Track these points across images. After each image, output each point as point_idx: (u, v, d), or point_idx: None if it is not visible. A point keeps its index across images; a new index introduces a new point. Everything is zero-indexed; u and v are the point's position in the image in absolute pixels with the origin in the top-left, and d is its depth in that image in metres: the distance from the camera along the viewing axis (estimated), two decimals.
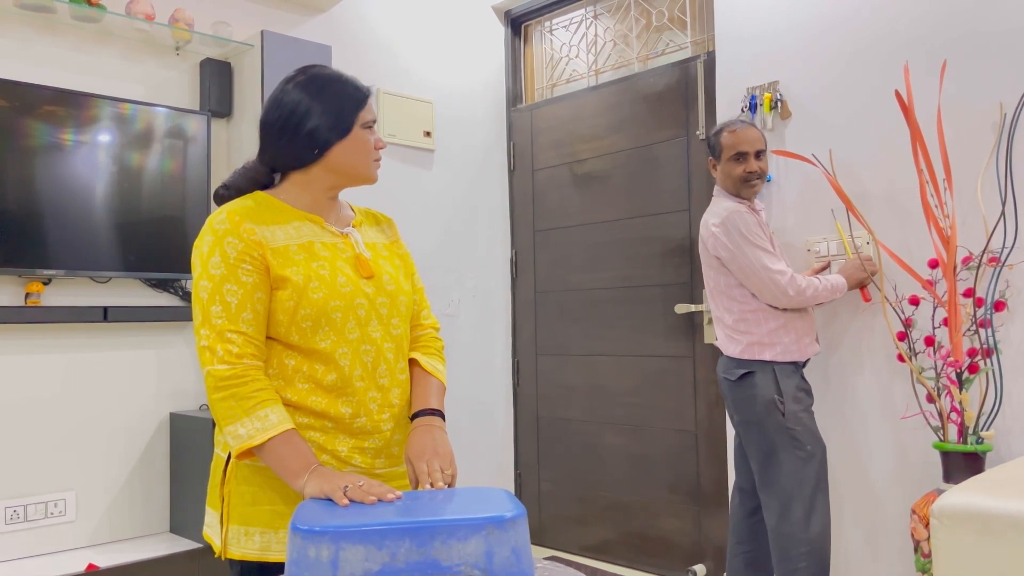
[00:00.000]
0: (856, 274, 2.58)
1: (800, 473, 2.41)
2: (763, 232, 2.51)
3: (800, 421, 2.44)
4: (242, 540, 1.38)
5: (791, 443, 2.42)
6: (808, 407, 2.49)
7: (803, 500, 2.40)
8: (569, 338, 3.76)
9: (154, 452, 2.88)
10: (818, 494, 2.42)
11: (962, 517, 1.63)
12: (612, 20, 3.77)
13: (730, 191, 2.60)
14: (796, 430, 2.43)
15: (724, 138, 2.59)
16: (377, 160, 1.49)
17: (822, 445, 2.47)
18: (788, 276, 2.45)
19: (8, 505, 2.56)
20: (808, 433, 2.44)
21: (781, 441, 2.43)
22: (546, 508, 3.85)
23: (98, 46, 2.82)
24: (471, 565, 1.06)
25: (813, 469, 2.42)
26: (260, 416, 1.30)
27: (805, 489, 2.41)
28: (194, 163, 2.89)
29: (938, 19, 2.59)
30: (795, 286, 2.44)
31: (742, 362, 2.50)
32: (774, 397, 2.43)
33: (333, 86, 1.44)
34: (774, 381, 2.45)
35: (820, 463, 2.44)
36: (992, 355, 2.41)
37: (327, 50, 3.06)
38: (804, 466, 2.41)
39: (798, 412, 2.44)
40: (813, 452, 2.43)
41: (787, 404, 2.43)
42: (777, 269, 2.44)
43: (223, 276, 1.34)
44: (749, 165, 2.55)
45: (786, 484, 2.42)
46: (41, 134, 2.57)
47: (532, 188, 3.95)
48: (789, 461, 2.42)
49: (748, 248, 2.46)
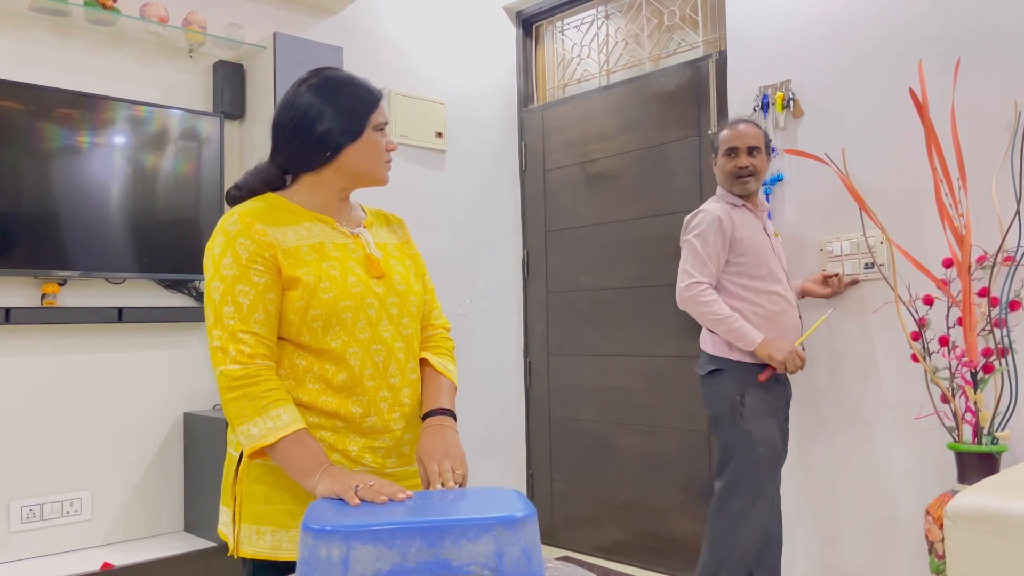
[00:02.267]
0: (774, 352, 2.43)
1: (748, 472, 2.46)
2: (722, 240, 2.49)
3: (758, 423, 2.46)
4: (254, 539, 1.39)
5: (746, 442, 2.46)
6: (773, 410, 2.50)
7: (744, 497, 2.46)
8: (581, 338, 3.76)
9: (168, 452, 2.90)
10: (760, 495, 2.46)
11: (976, 518, 1.62)
12: (623, 20, 3.77)
13: (724, 186, 2.63)
14: (751, 431, 2.46)
15: (722, 134, 2.62)
16: (388, 162, 1.50)
17: (776, 450, 2.49)
18: (696, 281, 2.47)
19: (24, 504, 2.59)
20: (765, 435, 2.46)
21: (736, 439, 2.48)
22: (558, 508, 3.85)
23: (112, 49, 2.84)
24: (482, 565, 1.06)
25: (761, 470, 2.46)
26: (272, 416, 1.30)
27: (749, 487, 2.46)
28: (207, 165, 2.91)
29: (951, 17, 2.57)
30: (692, 291, 2.47)
31: (712, 358, 2.54)
32: (735, 396, 2.47)
33: (346, 89, 1.45)
34: (739, 380, 2.48)
35: (770, 466, 2.48)
36: (1007, 355, 2.39)
37: (339, 52, 3.07)
38: (755, 467, 2.46)
39: (759, 414, 2.47)
40: (765, 455, 2.46)
41: (747, 404, 2.46)
42: (693, 273, 2.48)
43: (235, 277, 1.34)
44: (739, 160, 2.56)
45: (733, 479, 2.48)
46: (57, 137, 2.59)
47: (543, 188, 3.95)
48: (740, 459, 2.47)
49: (691, 241, 2.52)
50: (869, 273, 2.74)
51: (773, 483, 2.52)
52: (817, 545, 2.88)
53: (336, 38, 3.36)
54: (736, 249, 2.52)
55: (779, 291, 2.55)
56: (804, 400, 2.91)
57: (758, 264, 2.53)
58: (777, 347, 2.44)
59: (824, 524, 2.86)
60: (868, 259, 2.73)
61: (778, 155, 2.96)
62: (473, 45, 3.91)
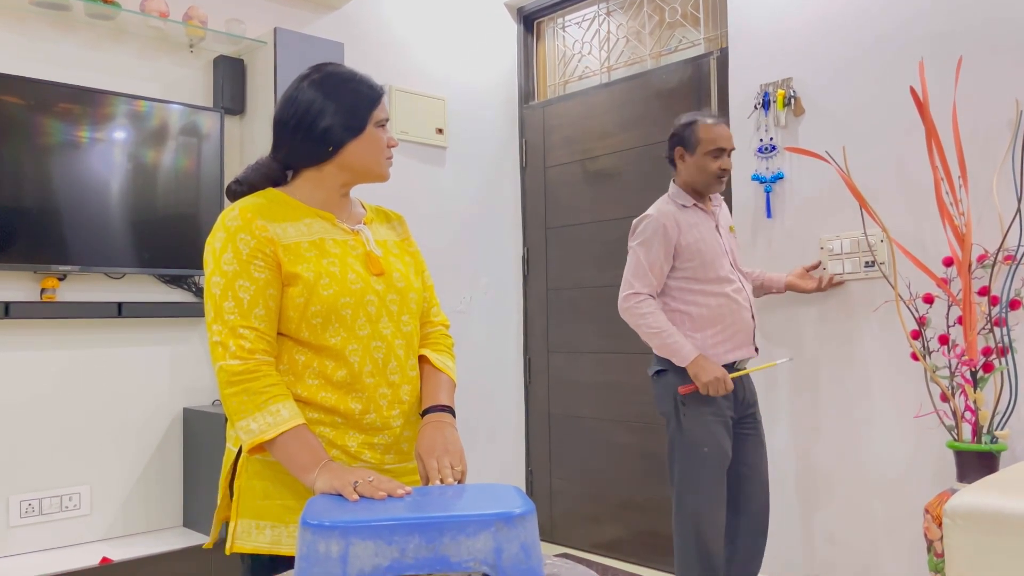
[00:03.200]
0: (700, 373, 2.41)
1: (693, 472, 2.46)
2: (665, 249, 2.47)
3: (700, 424, 2.45)
4: (253, 533, 1.39)
5: (689, 443, 2.46)
6: (719, 410, 2.47)
7: (695, 497, 2.46)
8: (581, 335, 3.76)
9: (168, 447, 2.90)
10: (710, 494, 2.46)
11: (975, 517, 1.62)
12: (625, 17, 3.76)
13: (695, 186, 2.54)
14: (693, 432, 2.45)
15: (701, 131, 2.50)
16: (389, 158, 1.50)
17: (720, 450, 2.46)
18: (635, 292, 2.47)
19: (23, 499, 2.59)
20: (708, 436, 2.45)
21: (679, 440, 2.49)
22: (557, 505, 3.85)
23: (113, 43, 2.84)
24: (480, 561, 1.06)
25: (707, 471, 2.45)
26: (271, 411, 1.30)
27: (697, 487, 2.46)
28: (208, 160, 2.91)
29: (953, 15, 2.57)
30: (629, 303, 2.48)
31: (658, 359, 2.55)
32: (676, 397, 2.48)
33: (347, 85, 1.44)
34: (681, 382, 2.47)
35: (715, 466, 2.46)
36: (1007, 354, 2.39)
37: (340, 47, 3.07)
38: (699, 467, 2.46)
39: (702, 415, 2.45)
40: (708, 455, 2.45)
41: (688, 405, 2.46)
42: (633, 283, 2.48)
43: (235, 272, 1.34)
44: (724, 162, 2.51)
45: (681, 479, 2.49)
46: (57, 131, 2.59)
47: (544, 185, 3.94)
48: (684, 459, 2.48)
49: (635, 249, 2.51)
50: (869, 271, 2.74)
51: (721, 484, 2.48)
52: (816, 543, 2.88)
53: (337, 34, 3.35)
54: (682, 255, 2.48)
55: (728, 292, 2.50)
56: (804, 399, 2.91)
57: (705, 267, 2.49)
58: (706, 369, 2.41)
59: (824, 522, 2.86)
60: (868, 257, 2.73)
61: (779, 153, 2.96)
62: (474, 41, 3.90)
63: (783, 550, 2.94)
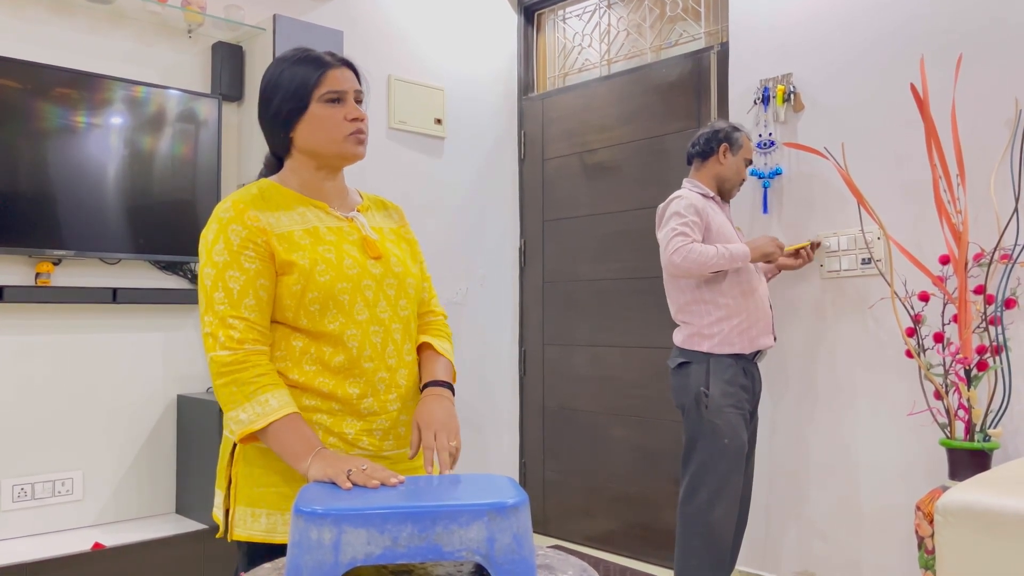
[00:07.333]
0: (763, 247, 2.59)
1: (712, 463, 2.51)
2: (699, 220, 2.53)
3: (723, 415, 2.50)
4: (248, 521, 1.39)
5: (711, 434, 2.51)
6: (740, 402, 2.53)
7: (710, 488, 2.51)
8: (576, 328, 3.76)
9: (161, 433, 2.90)
10: (726, 485, 2.51)
11: (966, 514, 1.62)
12: (625, 9, 3.75)
13: (723, 184, 2.67)
14: (717, 423, 2.50)
15: (743, 139, 2.68)
16: (355, 133, 1.43)
17: (740, 442, 2.52)
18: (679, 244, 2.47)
19: (16, 483, 2.59)
20: (729, 427, 2.51)
21: (702, 430, 2.53)
22: (551, 498, 3.86)
23: (111, 28, 2.82)
24: (472, 551, 1.06)
25: (726, 462, 2.50)
26: (260, 401, 1.30)
27: (714, 478, 2.51)
28: (205, 147, 2.89)
29: (954, 13, 2.56)
30: (681, 253, 2.46)
31: (682, 351, 2.60)
32: (701, 388, 2.51)
33: (295, 66, 1.42)
34: (706, 373, 2.52)
35: (734, 458, 2.51)
36: (1001, 353, 2.39)
37: (339, 35, 3.05)
38: (719, 458, 2.50)
39: (724, 406, 2.51)
40: (729, 446, 2.50)
41: (712, 397, 2.51)
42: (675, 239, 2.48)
43: (226, 263, 1.34)
44: (745, 174, 2.71)
45: (698, 470, 2.53)
46: (54, 116, 2.58)
47: (542, 177, 3.94)
48: (705, 450, 2.52)
49: (670, 219, 2.53)
50: (866, 268, 2.74)
51: (738, 475, 2.54)
52: (808, 539, 2.89)
53: (336, 21, 3.33)
54: (710, 236, 2.57)
55: (751, 282, 2.59)
56: (798, 394, 2.92)
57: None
58: (759, 245, 2.58)
59: (815, 518, 2.87)
60: (865, 254, 2.73)
61: (778, 148, 2.96)
62: (474, 32, 3.89)
63: (775, 545, 2.95)
